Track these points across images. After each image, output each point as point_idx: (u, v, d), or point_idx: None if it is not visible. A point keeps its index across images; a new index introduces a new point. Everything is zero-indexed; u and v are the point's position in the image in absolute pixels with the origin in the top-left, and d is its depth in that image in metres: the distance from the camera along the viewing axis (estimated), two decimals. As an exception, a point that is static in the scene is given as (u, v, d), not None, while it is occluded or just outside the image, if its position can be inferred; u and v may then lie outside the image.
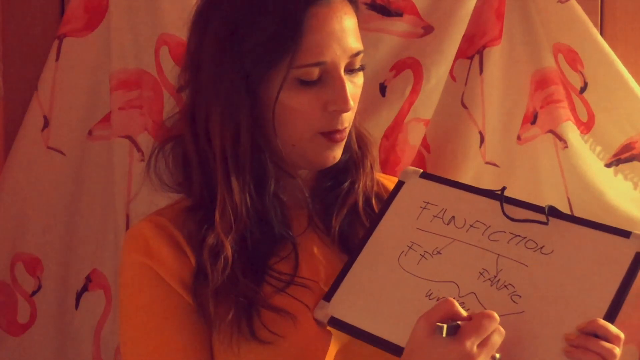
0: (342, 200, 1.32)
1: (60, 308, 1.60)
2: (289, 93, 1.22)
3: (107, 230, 1.60)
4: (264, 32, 1.20)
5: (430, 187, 1.28)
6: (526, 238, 1.19)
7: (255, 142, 1.25)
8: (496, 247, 1.19)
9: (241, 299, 1.20)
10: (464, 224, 1.22)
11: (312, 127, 1.24)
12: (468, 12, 1.59)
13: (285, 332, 1.20)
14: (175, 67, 1.55)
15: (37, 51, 1.59)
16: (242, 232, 1.24)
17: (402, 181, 1.30)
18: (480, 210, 1.23)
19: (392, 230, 1.25)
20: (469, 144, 1.63)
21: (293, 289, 1.23)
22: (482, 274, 1.17)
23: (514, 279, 1.16)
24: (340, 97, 1.22)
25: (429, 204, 1.26)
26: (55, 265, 1.59)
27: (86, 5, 1.56)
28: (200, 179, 1.27)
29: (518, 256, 1.18)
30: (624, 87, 1.58)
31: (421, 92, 1.61)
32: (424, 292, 1.18)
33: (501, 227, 1.21)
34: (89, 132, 1.59)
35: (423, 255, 1.21)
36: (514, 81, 1.63)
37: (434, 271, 1.19)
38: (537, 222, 1.19)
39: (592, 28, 1.58)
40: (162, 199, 1.45)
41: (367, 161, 1.35)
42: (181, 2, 1.55)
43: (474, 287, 1.16)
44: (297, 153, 1.26)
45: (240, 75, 1.22)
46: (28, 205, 1.58)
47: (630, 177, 1.62)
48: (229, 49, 1.22)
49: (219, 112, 1.23)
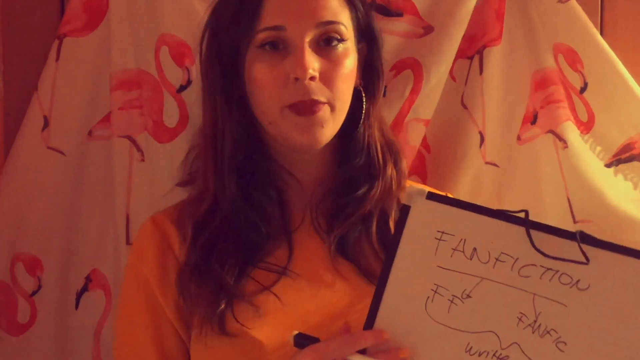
0: (352, 208, 1.30)
1: (60, 308, 1.60)
2: (254, 65, 1.24)
3: (107, 230, 1.60)
4: (232, 4, 1.25)
5: (441, 211, 1.12)
6: (559, 272, 1.08)
7: (239, 129, 1.27)
8: (529, 284, 1.09)
9: (213, 288, 1.22)
10: (489, 257, 1.10)
11: (279, 99, 1.23)
12: (468, 12, 1.59)
13: (251, 324, 1.20)
14: (175, 67, 1.56)
15: (37, 51, 1.58)
16: (226, 220, 1.26)
17: (407, 205, 1.13)
18: (504, 239, 1.10)
19: (411, 269, 1.12)
20: (469, 144, 1.63)
21: (279, 284, 1.24)
22: (521, 319, 1.08)
23: (556, 323, 1.07)
24: (299, 64, 1.21)
25: (444, 233, 1.11)
26: (55, 265, 1.59)
27: (86, 5, 1.56)
28: (202, 168, 1.31)
29: (555, 295, 1.08)
30: (624, 87, 1.58)
31: (421, 92, 1.61)
32: (463, 346, 1.09)
33: (530, 259, 1.09)
34: (89, 132, 1.59)
35: (452, 301, 1.10)
36: (514, 81, 1.63)
37: (468, 320, 1.09)
38: (574, 262, 1.07)
39: (592, 28, 1.58)
40: (162, 198, 1.45)
41: (388, 173, 1.32)
42: (181, 2, 1.55)
43: (516, 337, 1.08)
44: (277, 133, 1.27)
45: (217, 53, 1.28)
46: (28, 205, 1.57)
47: (630, 177, 1.62)
48: (210, 37, 1.29)
49: (204, 98, 1.31)
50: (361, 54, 1.33)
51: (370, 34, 1.34)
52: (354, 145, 1.33)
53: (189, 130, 1.56)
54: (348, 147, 1.33)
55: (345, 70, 1.26)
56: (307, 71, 1.21)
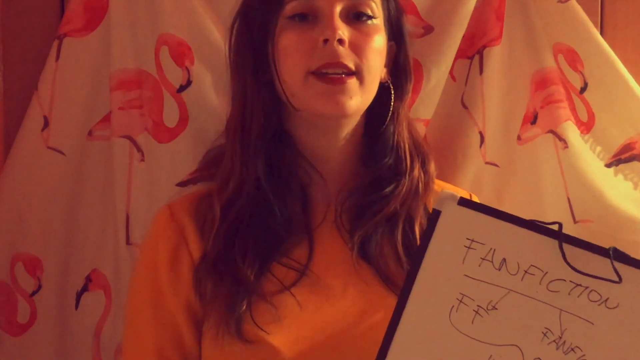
0: (378, 206, 1.28)
1: (60, 308, 1.60)
2: (282, 34, 1.24)
3: (107, 230, 1.59)
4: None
5: (472, 218, 1.09)
6: (589, 288, 1.06)
7: (266, 111, 1.27)
8: (557, 300, 1.06)
9: (233, 283, 1.20)
10: (518, 269, 1.07)
11: (305, 64, 1.23)
12: (468, 12, 1.59)
13: (269, 329, 1.18)
14: (175, 67, 1.56)
15: (37, 51, 1.58)
16: (245, 212, 1.25)
17: (437, 210, 1.10)
18: (534, 251, 1.07)
19: (437, 276, 1.09)
20: (469, 144, 1.63)
21: (298, 284, 1.22)
22: (546, 334, 1.06)
23: (581, 341, 1.05)
24: (328, 26, 1.21)
25: (473, 241, 1.09)
26: (55, 265, 1.59)
27: (86, 5, 1.56)
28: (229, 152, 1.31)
29: (582, 312, 1.06)
30: (624, 87, 1.58)
31: (421, 92, 1.61)
32: (485, 359, 1.07)
33: (560, 273, 1.06)
34: (89, 132, 1.59)
35: (477, 312, 1.07)
36: (514, 81, 1.63)
37: (493, 332, 1.07)
38: (607, 280, 1.05)
39: (592, 28, 1.58)
40: (162, 199, 1.45)
41: (415, 173, 1.31)
42: (181, 2, 1.55)
43: (539, 352, 1.06)
44: (301, 105, 1.25)
45: (248, 33, 1.28)
46: (28, 205, 1.57)
47: (630, 177, 1.62)
48: (242, 17, 1.31)
49: (233, 82, 1.31)
50: (390, 51, 1.33)
51: (399, 33, 1.34)
52: (383, 144, 1.32)
53: (189, 130, 1.56)
54: (376, 145, 1.32)
55: (376, 44, 1.26)
56: (336, 31, 1.21)
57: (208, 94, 1.56)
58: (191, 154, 1.54)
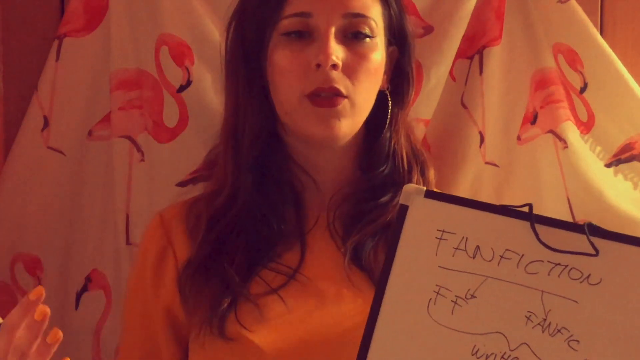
0: (375, 215, 1.27)
1: (60, 308, 1.60)
2: (277, 51, 1.23)
3: (107, 230, 1.60)
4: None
5: (440, 209, 1.08)
6: (568, 266, 1.03)
7: (259, 118, 1.26)
8: (537, 281, 1.04)
9: (219, 284, 1.20)
10: (493, 255, 1.05)
11: (298, 87, 1.21)
12: (468, 12, 1.59)
13: (252, 327, 1.18)
14: (175, 67, 1.56)
15: (37, 51, 1.58)
16: (241, 214, 1.25)
17: (404, 205, 1.09)
18: (507, 235, 1.05)
19: (411, 271, 1.07)
20: (469, 144, 1.63)
21: (287, 287, 1.22)
22: (530, 318, 1.03)
23: (567, 321, 1.02)
24: (322, 50, 1.19)
25: (445, 232, 1.07)
26: (55, 265, 1.59)
27: (86, 5, 1.56)
28: (222, 159, 1.31)
29: (564, 291, 1.03)
30: (624, 87, 1.58)
31: (421, 92, 1.61)
32: (469, 349, 1.04)
33: (537, 255, 1.04)
34: (89, 132, 1.59)
35: (456, 302, 1.05)
36: (514, 81, 1.63)
37: (474, 321, 1.04)
38: (583, 254, 1.03)
39: (592, 28, 1.58)
40: (162, 199, 1.45)
41: (414, 182, 1.29)
42: (181, 2, 1.55)
43: (525, 337, 1.03)
44: (294, 125, 1.25)
45: (242, 40, 1.26)
46: (28, 205, 1.57)
47: (630, 177, 1.62)
48: (237, 23, 1.28)
49: (227, 87, 1.30)
50: (391, 57, 1.32)
51: (402, 36, 1.32)
52: (379, 151, 1.31)
53: (189, 130, 1.56)
54: (372, 153, 1.31)
55: (371, 65, 1.24)
56: (329, 57, 1.19)
57: (208, 94, 1.57)
58: (191, 154, 1.54)
